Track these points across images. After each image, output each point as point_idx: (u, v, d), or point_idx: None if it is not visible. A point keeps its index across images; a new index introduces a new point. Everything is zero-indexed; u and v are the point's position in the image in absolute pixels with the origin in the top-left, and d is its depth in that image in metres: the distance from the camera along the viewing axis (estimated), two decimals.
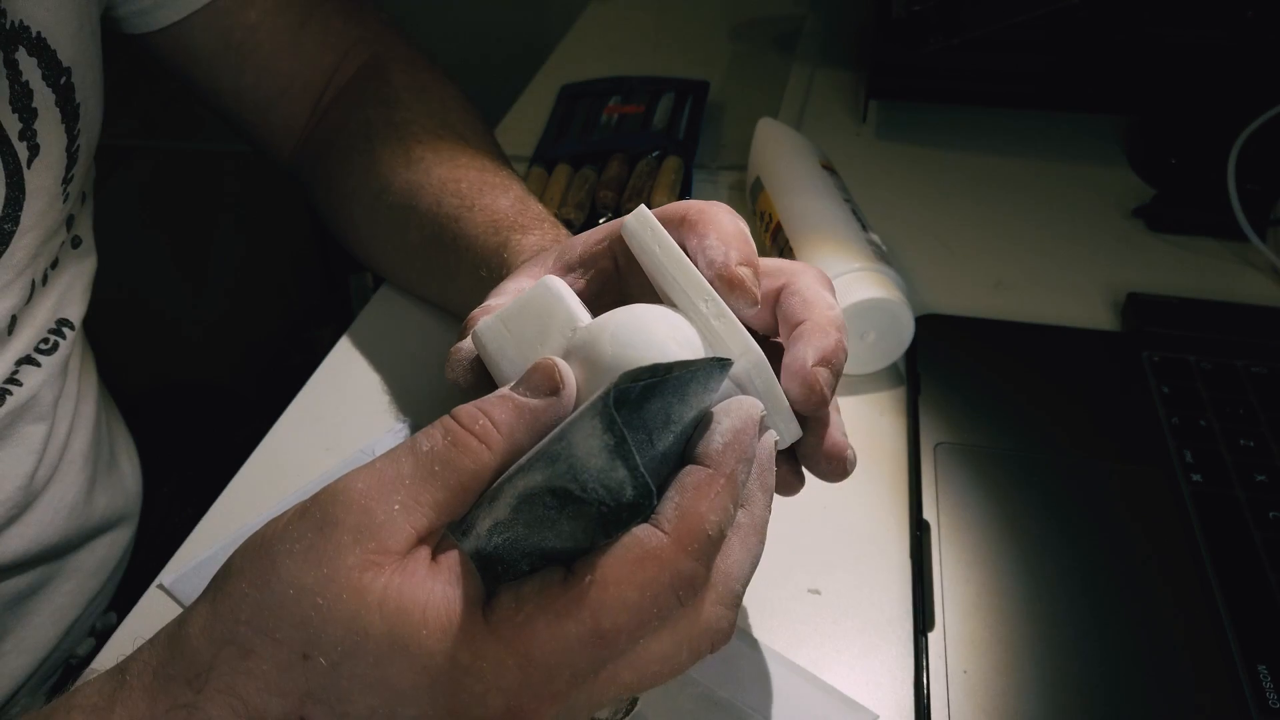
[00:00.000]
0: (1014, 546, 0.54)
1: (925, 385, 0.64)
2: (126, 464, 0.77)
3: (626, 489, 0.33)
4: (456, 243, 0.61)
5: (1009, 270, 0.76)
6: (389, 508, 0.34)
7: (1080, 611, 0.51)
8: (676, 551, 0.34)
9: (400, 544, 0.34)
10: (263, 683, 0.32)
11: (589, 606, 0.33)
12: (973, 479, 0.58)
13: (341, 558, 0.33)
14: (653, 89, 0.95)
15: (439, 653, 0.32)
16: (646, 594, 0.33)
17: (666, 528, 0.34)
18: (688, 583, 0.34)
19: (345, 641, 0.32)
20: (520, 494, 0.34)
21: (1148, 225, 0.80)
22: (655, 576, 0.33)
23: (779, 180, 0.74)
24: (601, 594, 0.33)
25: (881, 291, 0.62)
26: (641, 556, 0.33)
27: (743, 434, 0.36)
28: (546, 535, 0.34)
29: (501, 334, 0.43)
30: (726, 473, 0.35)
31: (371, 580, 0.33)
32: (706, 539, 0.34)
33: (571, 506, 0.33)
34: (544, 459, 0.34)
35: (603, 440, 0.33)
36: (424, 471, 0.34)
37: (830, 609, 0.52)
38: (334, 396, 0.65)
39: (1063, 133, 0.92)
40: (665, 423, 0.35)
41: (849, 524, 0.57)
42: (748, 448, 0.36)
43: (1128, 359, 0.66)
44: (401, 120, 0.69)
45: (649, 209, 0.43)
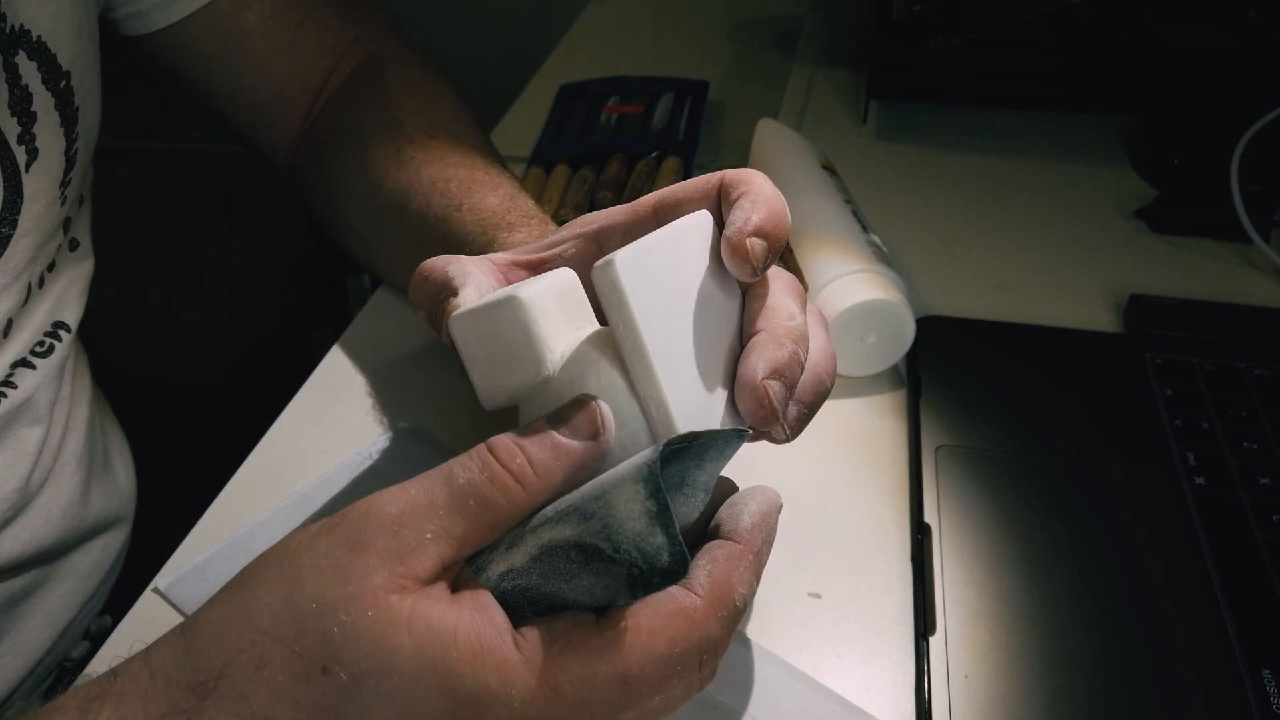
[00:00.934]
0: (1015, 550, 0.54)
1: (926, 387, 0.64)
2: (121, 466, 0.77)
3: (663, 555, 0.34)
4: (446, 244, 0.60)
5: (1010, 272, 0.76)
6: (420, 535, 0.34)
7: (1083, 616, 0.51)
8: (708, 615, 0.35)
9: (427, 572, 0.34)
10: (275, 694, 0.32)
11: (622, 651, 0.34)
12: (974, 482, 0.58)
13: (369, 577, 0.33)
14: (652, 89, 0.95)
15: (469, 676, 0.33)
16: (676, 650, 0.34)
17: (700, 591, 0.35)
18: (712, 648, 0.35)
19: (371, 658, 0.32)
20: (544, 545, 0.35)
21: (1150, 226, 0.80)
22: (686, 635, 0.34)
23: (779, 181, 0.73)
24: (635, 640, 0.34)
25: (882, 293, 0.62)
26: (676, 613, 0.35)
27: (769, 517, 0.39)
28: (562, 588, 0.35)
29: (468, 334, 0.42)
30: (755, 549, 0.37)
31: (399, 601, 0.33)
32: (734, 609, 0.36)
33: (598, 564, 0.34)
34: (576, 515, 0.35)
35: (644, 506, 0.34)
36: (458, 504, 0.35)
37: (830, 613, 0.52)
38: (332, 398, 0.65)
39: (1065, 133, 0.92)
40: (680, 484, 0.36)
41: (849, 527, 0.57)
42: (772, 530, 0.39)
43: (1130, 361, 0.66)
44: (394, 120, 0.69)
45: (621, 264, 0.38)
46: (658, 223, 0.44)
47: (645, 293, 0.38)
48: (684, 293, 0.40)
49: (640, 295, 0.37)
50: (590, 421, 0.37)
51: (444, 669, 0.32)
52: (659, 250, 0.39)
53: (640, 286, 0.38)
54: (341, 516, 0.35)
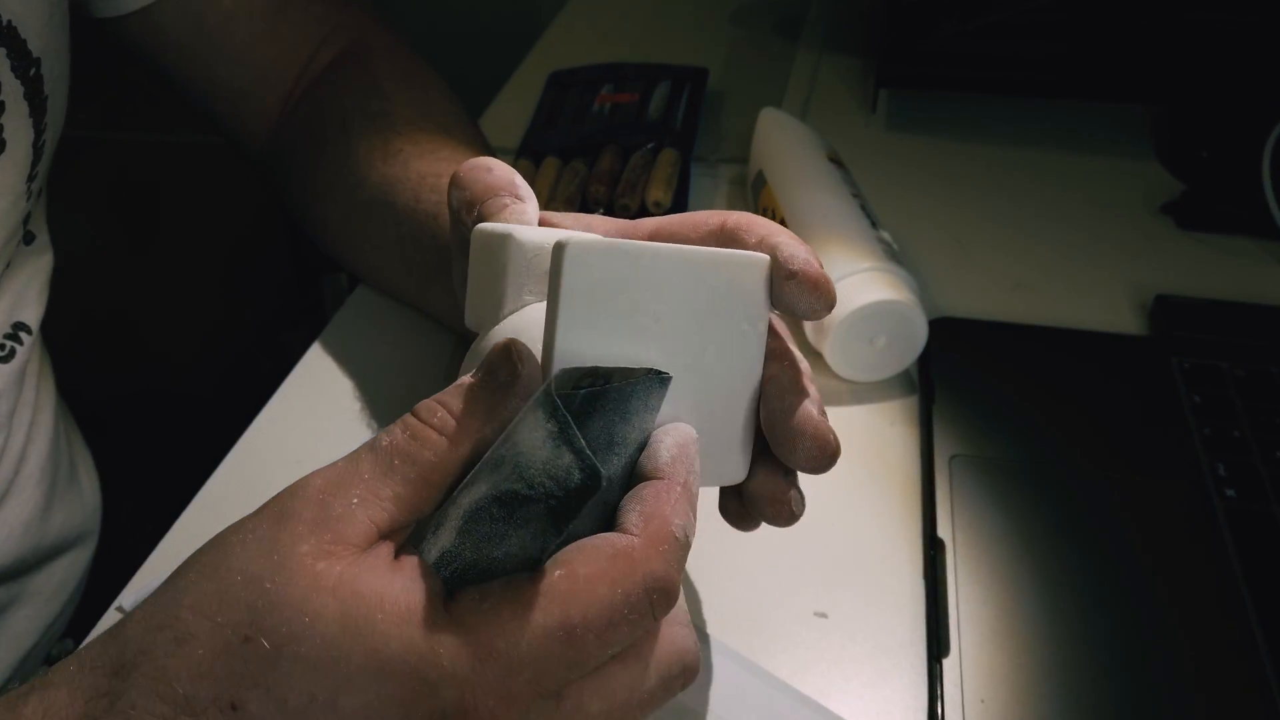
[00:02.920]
0: (1034, 566, 0.54)
1: (939, 394, 0.64)
2: (85, 478, 0.77)
3: (574, 473, 0.33)
4: (436, 242, 0.60)
5: (1028, 271, 0.76)
6: (346, 502, 0.35)
7: (1105, 636, 0.51)
8: (648, 550, 0.34)
9: (358, 537, 0.34)
10: (195, 668, 0.32)
11: (558, 599, 0.33)
12: (990, 494, 0.58)
13: (296, 546, 0.34)
14: (648, 76, 0.95)
15: (394, 637, 0.33)
16: (618, 591, 0.34)
17: (634, 530, 0.35)
18: (661, 586, 0.34)
19: (293, 623, 0.32)
20: (466, 513, 0.35)
21: (1177, 222, 0.81)
22: (628, 574, 0.34)
23: (782, 174, 0.74)
24: (573, 587, 0.34)
25: (892, 293, 0.62)
26: (614, 554, 0.34)
27: (686, 448, 0.38)
28: (494, 554, 0.35)
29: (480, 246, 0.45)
30: (680, 481, 0.37)
31: (326, 567, 0.33)
32: (675, 541, 0.35)
33: (519, 511, 0.34)
34: (488, 466, 0.35)
35: (546, 430, 0.34)
36: (382, 466, 0.36)
37: (838, 633, 0.52)
38: (307, 405, 0.65)
39: (1085, 124, 0.92)
40: (609, 444, 0.36)
41: (857, 542, 0.57)
42: (693, 461, 0.38)
43: (1156, 365, 0.66)
44: (380, 110, 0.69)
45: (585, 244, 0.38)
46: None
47: (590, 287, 0.37)
48: (661, 317, 0.39)
49: (580, 286, 0.37)
50: (506, 360, 0.37)
51: (368, 631, 0.32)
52: (643, 260, 0.38)
53: (587, 279, 0.37)
54: (272, 498, 0.36)
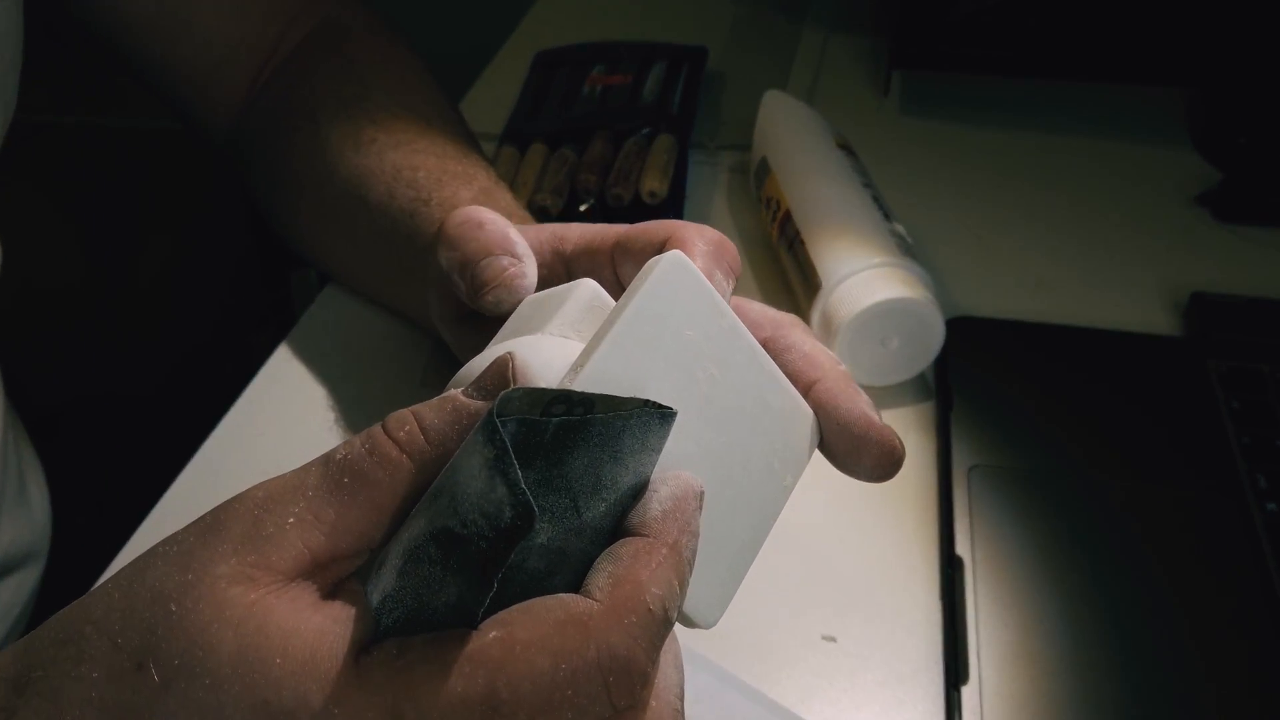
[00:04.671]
0: (1059, 586, 0.54)
1: (957, 399, 0.64)
2: (35, 492, 0.76)
3: (505, 510, 0.30)
4: (411, 240, 0.60)
5: (1053, 267, 0.76)
6: (281, 521, 0.32)
7: (1135, 662, 0.51)
8: (608, 621, 0.31)
9: (286, 563, 0.32)
10: (85, 693, 0.31)
11: (486, 665, 0.30)
12: (1012, 508, 0.58)
13: (213, 565, 0.32)
14: (642, 56, 0.95)
15: (288, 687, 0.31)
16: (562, 667, 0.30)
17: (598, 595, 0.32)
18: (622, 666, 0.31)
19: (185, 655, 0.31)
20: (406, 552, 0.32)
21: (1213, 214, 0.81)
22: (577, 648, 0.30)
23: (788, 162, 0.74)
24: (505, 653, 0.30)
25: (906, 291, 0.62)
26: (564, 621, 0.31)
27: (684, 503, 0.34)
28: (436, 604, 0.32)
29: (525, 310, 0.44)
30: (669, 541, 0.33)
31: (239, 595, 0.31)
32: (648, 614, 0.31)
33: (455, 554, 0.31)
34: (430, 496, 0.32)
35: (483, 456, 0.30)
36: (330, 483, 0.33)
37: (848, 659, 0.52)
38: (273, 412, 0.65)
39: (1115, 108, 0.92)
40: (595, 487, 0.33)
41: (869, 560, 0.57)
42: (691, 519, 0.34)
43: (1191, 369, 0.66)
44: (352, 96, 0.69)
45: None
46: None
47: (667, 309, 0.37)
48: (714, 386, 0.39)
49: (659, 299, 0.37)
50: (500, 376, 0.35)
51: (262, 678, 0.31)
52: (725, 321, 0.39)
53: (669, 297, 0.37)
54: (213, 508, 0.34)
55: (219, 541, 0.32)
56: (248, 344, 1.34)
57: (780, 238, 0.71)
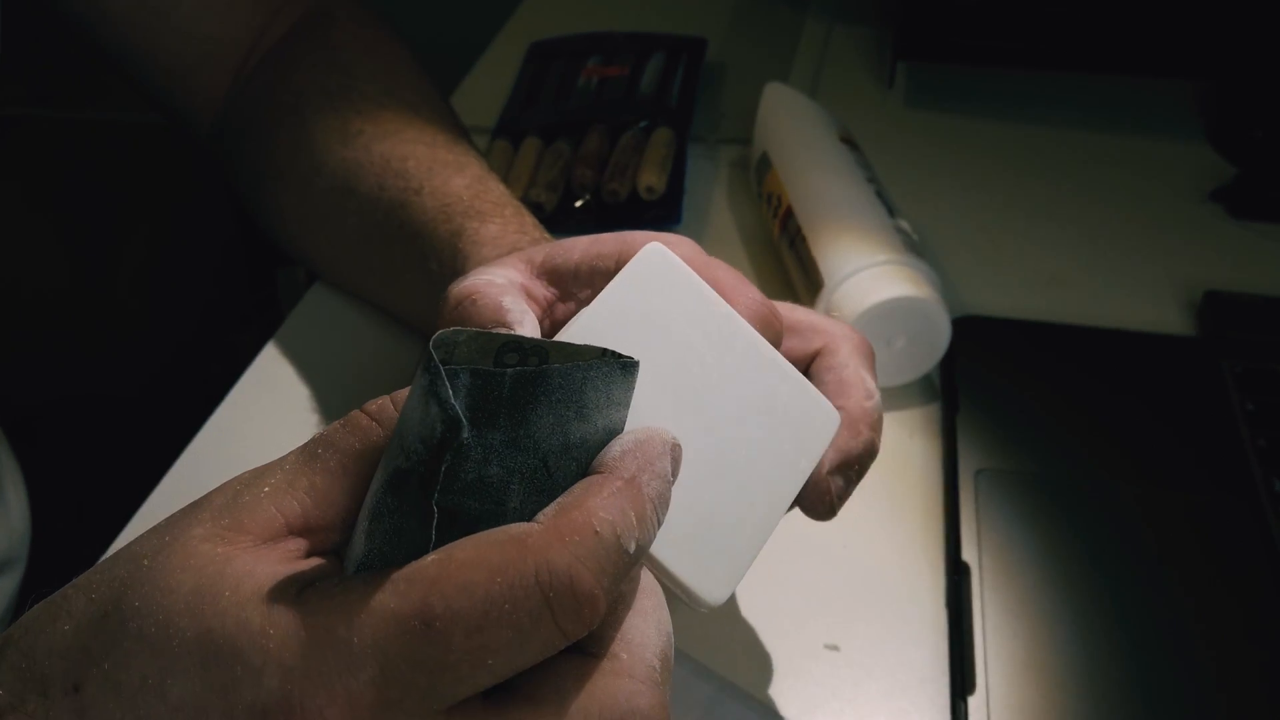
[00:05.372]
0: (1069, 593, 0.54)
1: (964, 401, 0.64)
2: (13, 497, 0.76)
3: (437, 426, 0.31)
4: (402, 231, 0.60)
5: (1063, 264, 0.76)
6: (258, 491, 0.34)
7: (1148, 672, 0.51)
8: (549, 539, 0.31)
9: (259, 525, 0.34)
10: (58, 645, 0.32)
11: (421, 582, 0.31)
12: (1020, 513, 0.58)
13: (190, 529, 0.33)
14: (640, 47, 0.95)
15: (231, 616, 0.31)
16: (498, 580, 0.30)
17: (541, 519, 0.32)
18: (563, 584, 0.30)
19: (146, 599, 0.32)
20: (369, 512, 0.33)
21: (1228, 211, 0.81)
22: (514, 562, 0.30)
23: (790, 156, 0.74)
24: (440, 570, 0.31)
25: (911, 289, 0.62)
26: (503, 540, 0.31)
27: (647, 445, 0.34)
28: (398, 557, 0.32)
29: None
30: (625, 476, 0.33)
31: (209, 550, 0.33)
32: (594, 535, 0.31)
33: (406, 494, 0.32)
34: (386, 450, 0.33)
35: (420, 386, 0.31)
36: (306, 456, 0.35)
37: (851, 668, 0.52)
38: (259, 413, 0.65)
39: (1127, 101, 0.92)
40: (564, 446, 0.33)
41: (873, 567, 0.57)
42: (654, 460, 0.34)
43: (1205, 369, 0.66)
44: (339, 87, 0.69)
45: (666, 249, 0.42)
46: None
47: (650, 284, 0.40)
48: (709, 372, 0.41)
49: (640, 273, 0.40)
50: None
51: (210, 609, 0.31)
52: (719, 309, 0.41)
53: (651, 273, 0.40)
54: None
55: (199, 511, 0.34)
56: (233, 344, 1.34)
57: (782, 234, 0.71)
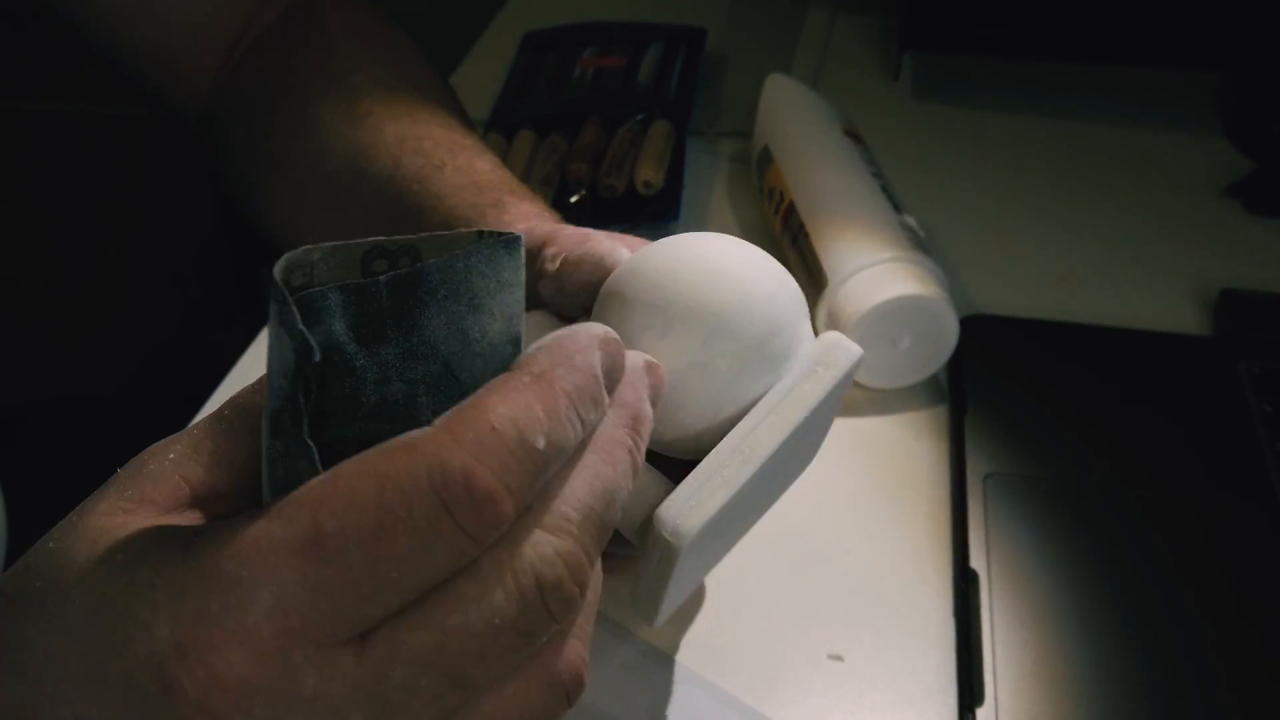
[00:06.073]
0: (1080, 602, 0.54)
1: (972, 403, 0.64)
2: None
3: (289, 356, 0.30)
4: (421, 204, 0.60)
5: (1074, 261, 0.76)
6: (163, 459, 0.34)
7: (1161, 682, 0.51)
8: (440, 440, 0.30)
9: (163, 494, 0.33)
10: None
11: (307, 504, 0.30)
12: (1030, 518, 0.58)
13: (94, 504, 0.33)
14: (637, 38, 0.95)
15: (120, 572, 0.30)
16: (389, 488, 0.29)
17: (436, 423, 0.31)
18: (463, 484, 0.30)
19: (43, 576, 0.32)
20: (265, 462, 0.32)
21: (1245, 206, 0.81)
22: (404, 467, 0.30)
23: (792, 150, 0.74)
24: (326, 489, 0.30)
25: (918, 287, 0.62)
26: (392, 448, 0.30)
27: (566, 340, 0.34)
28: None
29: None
30: (534, 372, 0.32)
31: (110, 523, 0.32)
32: (491, 433, 0.30)
33: (285, 435, 0.31)
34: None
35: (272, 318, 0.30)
36: (214, 419, 0.35)
37: (855, 679, 0.52)
38: None
39: (1140, 93, 0.92)
40: (464, 344, 0.32)
41: (878, 574, 0.57)
42: (575, 354, 0.33)
43: (1221, 370, 0.66)
44: (342, 70, 0.68)
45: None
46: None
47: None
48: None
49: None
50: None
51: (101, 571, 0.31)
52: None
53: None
54: None
55: (106, 487, 0.34)
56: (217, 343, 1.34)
57: (783, 231, 0.71)
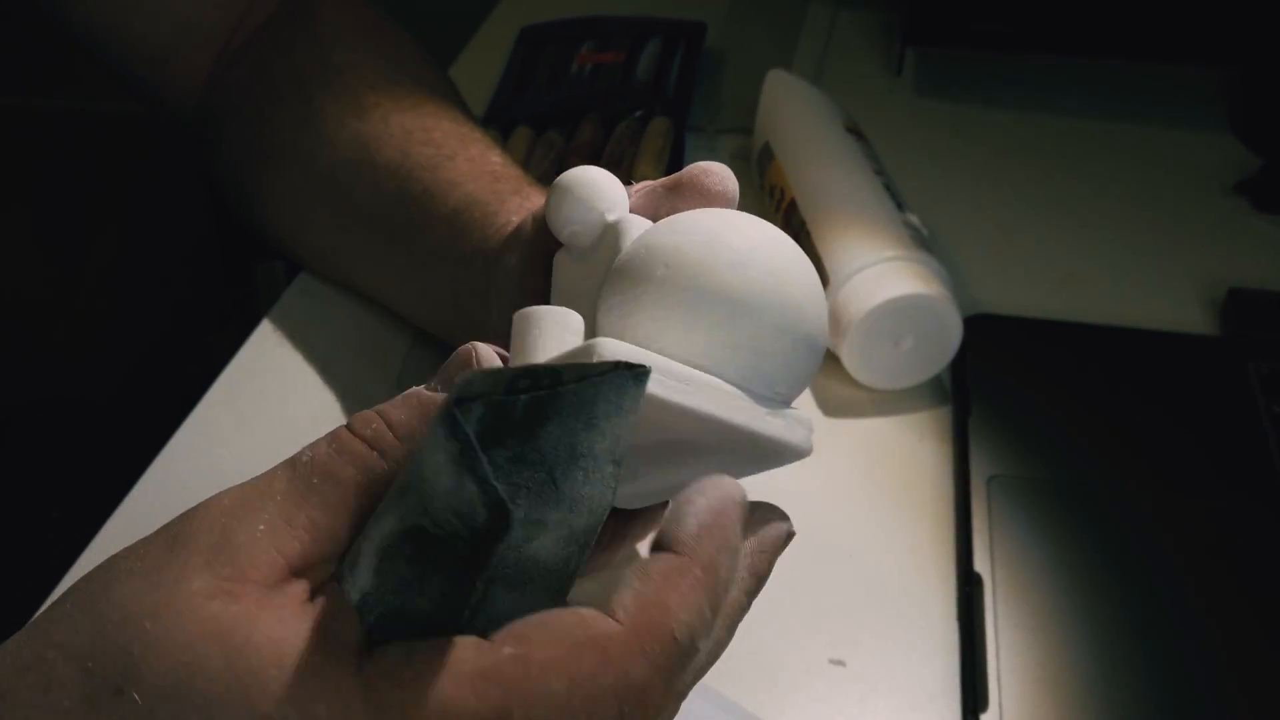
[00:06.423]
0: (1087, 606, 0.54)
1: (976, 404, 0.64)
2: None
3: (478, 510, 0.30)
4: (432, 190, 0.59)
5: (1080, 260, 0.76)
6: (252, 529, 0.33)
7: (1169, 687, 0.51)
8: (629, 648, 0.32)
9: (263, 572, 0.32)
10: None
11: (501, 683, 0.31)
12: (1035, 521, 0.58)
13: (187, 580, 0.32)
14: (635, 32, 0.95)
15: (289, 701, 0.31)
16: (579, 693, 0.31)
17: (620, 616, 0.32)
18: (638, 697, 0.31)
19: (170, 675, 0.31)
20: (378, 548, 0.33)
21: (1253, 204, 0.81)
22: (596, 674, 0.31)
23: (793, 147, 0.74)
24: (521, 672, 0.31)
25: (921, 286, 0.62)
26: (583, 642, 0.31)
27: (723, 516, 0.34)
28: (418, 601, 0.32)
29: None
30: (704, 563, 0.33)
31: (220, 609, 0.32)
32: (672, 643, 0.32)
33: (431, 552, 0.32)
34: (397, 492, 0.33)
35: (446, 450, 0.30)
36: (299, 486, 0.34)
37: (857, 684, 0.52)
38: (237, 416, 0.65)
39: (1147, 88, 0.93)
40: (571, 456, 0.33)
41: (880, 577, 0.57)
42: (730, 535, 0.34)
43: (1229, 370, 0.66)
44: (345, 63, 0.68)
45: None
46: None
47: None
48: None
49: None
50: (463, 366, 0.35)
51: (259, 693, 0.31)
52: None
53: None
54: (175, 519, 0.34)
55: (188, 554, 0.32)
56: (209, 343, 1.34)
57: (785, 229, 0.71)
